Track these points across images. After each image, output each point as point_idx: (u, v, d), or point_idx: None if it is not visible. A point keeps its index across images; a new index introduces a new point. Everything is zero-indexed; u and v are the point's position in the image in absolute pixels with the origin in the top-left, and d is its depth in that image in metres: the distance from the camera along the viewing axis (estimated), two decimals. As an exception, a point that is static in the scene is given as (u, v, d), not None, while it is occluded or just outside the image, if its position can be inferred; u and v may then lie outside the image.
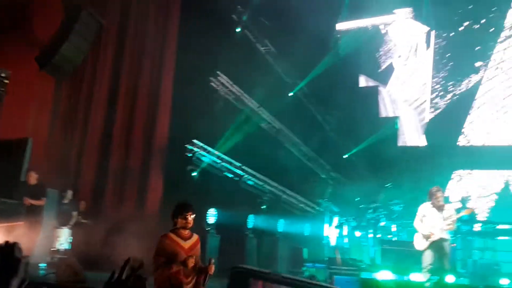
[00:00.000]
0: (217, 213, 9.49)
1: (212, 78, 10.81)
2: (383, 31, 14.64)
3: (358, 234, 11.21)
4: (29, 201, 8.03)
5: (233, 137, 10.64)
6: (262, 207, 11.20)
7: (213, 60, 10.67)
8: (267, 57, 12.74)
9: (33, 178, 8.25)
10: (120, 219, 9.63)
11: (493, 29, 13.66)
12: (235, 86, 11.37)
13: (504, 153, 13.22)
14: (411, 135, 14.32)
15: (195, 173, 9.71)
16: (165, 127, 10.28)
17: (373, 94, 14.68)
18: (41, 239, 8.37)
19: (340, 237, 11.21)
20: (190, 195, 9.45)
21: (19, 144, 8.44)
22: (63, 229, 8.89)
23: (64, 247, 8.75)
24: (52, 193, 8.81)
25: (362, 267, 10.01)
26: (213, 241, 9.19)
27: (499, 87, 13.57)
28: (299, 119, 13.43)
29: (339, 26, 14.36)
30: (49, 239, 8.69)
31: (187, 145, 9.91)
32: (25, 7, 9.45)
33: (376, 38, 14.64)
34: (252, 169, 11.55)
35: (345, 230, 11.18)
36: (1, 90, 7.98)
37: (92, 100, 10.32)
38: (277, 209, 11.93)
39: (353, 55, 14.37)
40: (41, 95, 9.71)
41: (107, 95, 10.40)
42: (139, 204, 10.02)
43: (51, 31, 9.50)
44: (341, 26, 14.36)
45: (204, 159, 10.06)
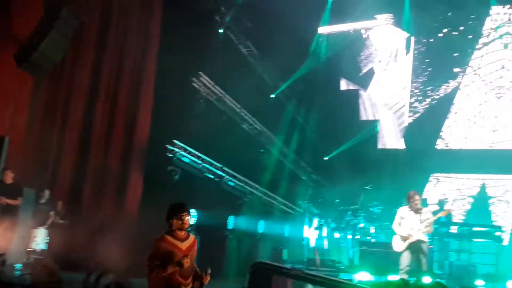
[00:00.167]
0: (197, 213, 9.44)
1: (194, 78, 10.78)
2: (364, 35, 14.83)
3: (337, 235, 11.30)
4: (5, 200, 7.87)
5: (214, 137, 10.62)
6: (242, 208, 11.21)
7: (195, 60, 10.64)
8: (250, 58, 12.78)
9: (9, 177, 8.09)
10: (98, 219, 9.51)
11: (471, 36, 13.97)
12: (217, 87, 11.36)
13: (480, 157, 13.51)
14: (391, 138, 14.53)
15: (177, 176, 9.66)
16: (145, 127, 10.19)
17: (353, 97, 14.85)
18: (17, 239, 8.20)
19: (319, 239, 11.29)
20: (170, 196, 9.40)
21: (-5, 142, 8.28)
22: (40, 229, 8.74)
23: (40, 247, 8.60)
24: (28, 192, 8.64)
25: (341, 268, 10.11)
26: (193, 242, 9.14)
27: (476, 93, 13.88)
28: (280, 121, 13.50)
29: (321, 30, 14.49)
30: (25, 239, 8.53)
31: (167, 145, 9.84)
32: (4, 4, 9.27)
33: (357, 42, 14.82)
34: (233, 170, 11.54)
35: (325, 231, 11.26)
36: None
37: (71, 98, 10.17)
38: (258, 210, 11.95)
39: (334, 58, 14.53)
40: (18, 93, 9.52)
41: (86, 94, 10.26)
42: (118, 204, 9.90)
43: (31, 28, 9.34)
44: (323, 30, 14.49)
45: (184, 159, 10.01)
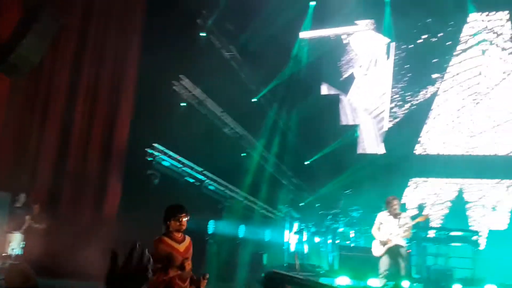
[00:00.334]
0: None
1: (175, 82, 10.71)
2: (345, 41, 14.95)
3: (317, 240, 11.34)
4: (-22, 204, 7.73)
5: (195, 141, 10.56)
6: (223, 213, 11.16)
7: (176, 63, 10.58)
8: (231, 62, 12.75)
9: (-17, 180, 7.94)
10: (76, 223, 9.37)
11: (450, 43, 14.21)
12: (198, 90, 11.31)
13: (458, 162, 13.73)
14: (371, 143, 14.66)
15: (156, 180, 9.57)
16: (125, 130, 10.09)
17: (334, 102, 14.95)
18: (-9, 244, 8.05)
19: (299, 243, 11.31)
20: (149, 200, 9.32)
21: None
22: (15, 233, 8.60)
23: (15, 252, 8.46)
24: (4, 196, 8.50)
25: (320, 272, 10.14)
26: (172, 247, 9.05)
27: (454, 99, 14.11)
28: (262, 125, 13.50)
29: (303, 34, 14.57)
30: (0, 244, 8.37)
31: (147, 149, 9.75)
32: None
33: (338, 47, 14.93)
34: (213, 174, 11.49)
35: (305, 236, 11.29)
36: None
37: (49, 101, 10.01)
38: (238, 214, 11.91)
39: (315, 63, 14.61)
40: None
41: (65, 96, 10.11)
42: (97, 208, 9.77)
43: (10, 29, 9.18)
44: (305, 34, 14.57)
45: (164, 163, 9.93)
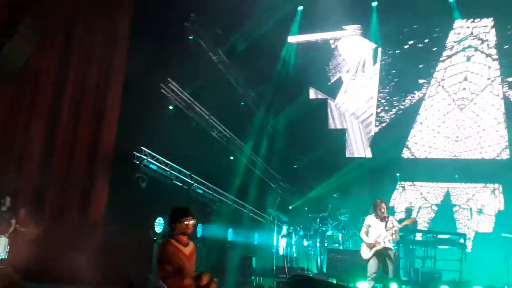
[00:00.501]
0: (164, 222, 9.30)
1: (162, 85, 10.65)
2: (332, 45, 15.06)
3: (306, 243, 11.35)
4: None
5: (183, 145, 10.50)
6: (211, 216, 11.12)
7: (164, 66, 10.53)
8: (220, 66, 12.74)
9: (-33, 183, 7.82)
10: (62, 227, 9.24)
11: (436, 49, 14.41)
12: (186, 93, 11.27)
13: (444, 166, 13.89)
14: (358, 147, 14.76)
15: (142, 180, 9.47)
16: (112, 133, 9.97)
17: (322, 106, 15.04)
18: (-24, 248, 7.92)
19: (288, 246, 11.31)
20: (136, 204, 9.25)
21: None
22: (1, 237, 8.48)
23: (0, 256, 8.34)
24: (-12, 200, 8.37)
25: (309, 275, 10.13)
26: (160, 251, 8.98)
27: (440, 104, 14.29)
28: (250, 129, 13.51)
29: (291, 39, 14.64)
30: (-16, 249, 8.25)
31: (134, 152, 9.66)
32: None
33: (326, 52, 15.04)
34: (201, 177, 11.44)
35: (293, 239, 11.29)
36: None
37: (35, 104, 9.89)
38: (227, 218, 11.88)
39: (303, 68, 14.68)
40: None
41: (51, 99, 9.99)
42: (83, 212, 9.63)
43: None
44: (293, 39, 14.65)
45: (152, 166, 9.84)
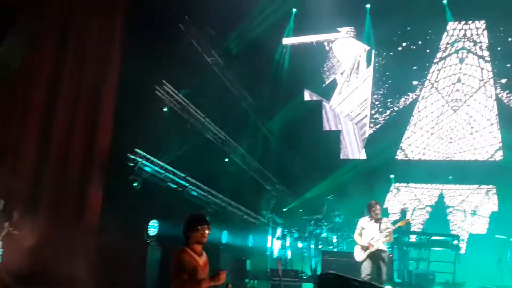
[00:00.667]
0: (158, 224, 9.26)
1: (157, 87, 10.63)
2: (327, 47, 15.10)
3: (300, 245, 11.35)
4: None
5: (177, 147, 10.49)
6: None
7: (159, 68, 10.51)
8: (214, 68, 12.74)
9: (-40, 186, 7.76)
10: (57, 230, 9.19)
11: (429, 50, 14.48)
12: (181, 95, 11.25)
13: (438, 167, 13.96)
14: (353, 149, 14.80)
15: (136, 184, 9.44)
16: (107, 135, 9.94)
17: (317, 108, 15.07)
18: (-32, 251, 7.85)
19: (282, 248, 11.31)
20: (131, 206, 9.22)
21: None
22: (-7, 241, 8.40)
23: (-7, 260, 8.26)
24: (-19, 203, 8.30)
25: (303, 278, 10.15)
26: (154, 254, 8.95)
27: (434, 105, 14.37)
28: (245, 131, 13.51)
29: (285, 41, 14.67)
30: (-23, 252, 8.18)
31: (129, 155, 9.63)
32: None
33: (320, 54, 15.07)
34: (196, 179, 11.42)
35: (288, 241, 11.29)
36: None
37: (29, 105, 9.84)
38: (221, 220, 11.86)
39: (298, 70, 14.70)
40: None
41: (45, 101, 9.94)
42: (78, 215, 9.59)
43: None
44: (287, 41, 14.67)
45: (146, 169, 9.82)
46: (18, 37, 9.15)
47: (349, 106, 15.06)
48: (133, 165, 9.68)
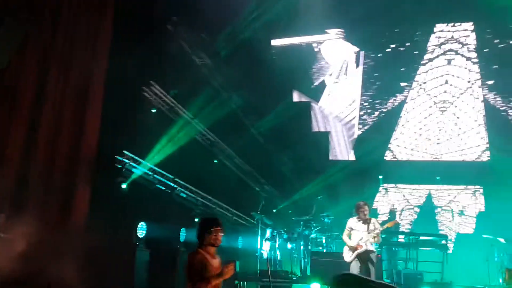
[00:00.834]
0: (146, 226, 9.19)
1: (145, 87, 10.57)
2: (316, 49, 15.14)
3: (289, 246, 11.35)
4: None
5: (166, 148, 10.43)
6: (195, 220, 11.03)
7: (147, 69, 10.45)
8: (203, 69, 12.70)
9: None
10: (43, 233, 9.07)
11: (417, 52, 14.59)
12: (169, 96, 11.20)
13: (426, 168, 14.06)
14: (341, 150, 14.85)
15: (124, 185, 9.36)
16: (94, 136, 9.83)
17: (306, 109, 15.11)
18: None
19: (272, 250, 11.29)
20: (119, 209, 9.14)
21: None
22: (-22, 244, 8.25)
23: (-22, 264, 8.11)
24: (-34, 205, 8.16)
25: (293, 279, 10.14)
26: (142, 256, 8.89)
27: (422, 106, 14.48)
28: (234, 132, 13.47)
29: (274, 42, 14.68)
30: (-39, 256, 8.02)
31: (117, 156, 9.55)
32: None
33: (309, 55, 15.12)
34: (185, 181, 11.36)
35: (277, 242, 11.28)
36: None
37: (13, 107, 9.71)
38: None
39: (287, 71, 14.72)
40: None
41: (32, 101, 9.82)
42: (64, 217, 9.48)
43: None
44: (276, 42, 14.69)
45: (135, 170, 9.74)
46: (5, 38, 9.02)
47: (338, 107, 15.12)
48: (120, 166, 9.59)
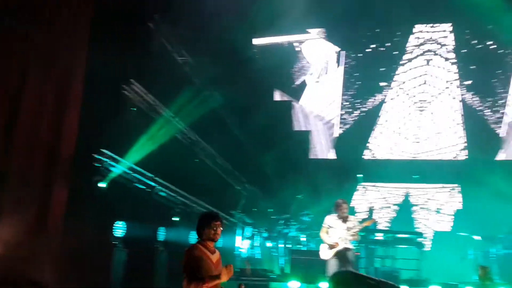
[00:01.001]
0: (125, 226, 9.13)
1: (125, 86, 10.47)
2: (297, 48, 15.21)
3: (269, 244, 11.41)
4: None
5: (145, 147, 10.36)
6: (174, 219, 11.00)
7: (127, 67, 10.35)
8: (184, 67, 12.64)
9: None
10: (18, 233, 8.94)
11: (397, 52, 14.77)
12: (149, 95, 11.12)
13: (404, 167, 14.26)
14: (322, 149, 14.97)
15: (102, 184, 9.27)
16: (72, 134, 9.71)
17: (287, 108, 15.18)
18: None
19: (251, 248, 11.34)
20: (97, 207, 9.05)
21: None
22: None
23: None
24: None
25: (272, 277, 10.19)
26: (120, 256, 8.83)
27: (400, 106, 14.67)
28: (215, 130, 13.45)
29: (256, 41, 14.70)
30: None
31: (95, 155, 9.45)
32: None
33: (290, 55, 15.18)
34: (165, 180, 11.30)
35: (257, 241, 11.33)
36: None
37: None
38: (190, 221, 11.78)
39: (268, 70, 14.76)
40: None
41: (8, 99, 9.66)
42: (41, 216, 9.35)
43: None
44: (258, 41, 14.71)
45: (113, 169, 9.65)
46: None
47: (318, 106, 15.22)
48: (99, 165, 9.50)
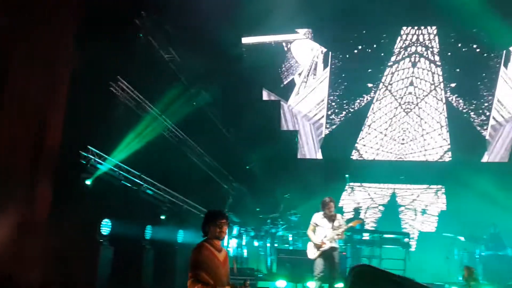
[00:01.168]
0: (111, 223, 9.04)
1: (112, 83, 10.36)
2: (285, 48, 15.24)
3: (256, 243, 11.41)
4: None
5: (132, 144, 10.27)
6: (161, 217, 10.92)
7: (114, 64, 10.23)
8: (171, 65, 12.56)
9: None
10: (3, 231, 8.80)
11: (384, 54, 14.89)
12: (136, 92, 11.02)
13: (391, 168, 14.38)
14: (309, 149, 15.01)
15: (88, 181, 9.16)
16: (57, 132, 9.58)
17: (275, 108, 15.19)
18: None
19: (238, 247, 11.32)
20: (83, 205, 8.94)
21: None
22: None
23: None
24: None
25: (259, 276, 10.20)
26: (106, 253, 8.74)
27: (387, 107, 14.78)
28: (202, 129, 13.39)
29: (245, 40, 14.68)
30: None
31: (81, 152, 9.33)
32: None
33: (279, 54, 15.20)
34: (152, 178, 11.21)
35: (244, 240, 11.31)
36: None
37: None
38: (177, 219, 11.71)
39: (257, 69, 14.76)
40: None
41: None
42: (26, 214, 9.21)
43: None
44: (246, 40, 14.69)
45: (100, 166, 9.54)
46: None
47: (306, 106, 15.27)
48: (85, 162, 9.38)
